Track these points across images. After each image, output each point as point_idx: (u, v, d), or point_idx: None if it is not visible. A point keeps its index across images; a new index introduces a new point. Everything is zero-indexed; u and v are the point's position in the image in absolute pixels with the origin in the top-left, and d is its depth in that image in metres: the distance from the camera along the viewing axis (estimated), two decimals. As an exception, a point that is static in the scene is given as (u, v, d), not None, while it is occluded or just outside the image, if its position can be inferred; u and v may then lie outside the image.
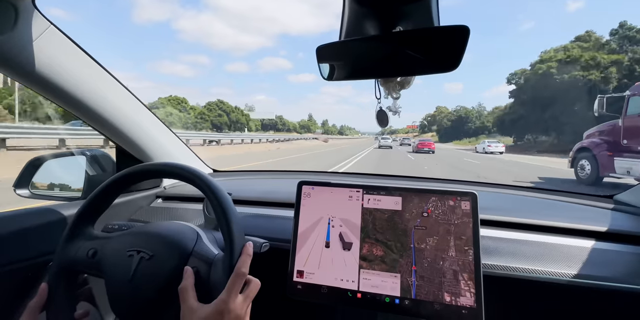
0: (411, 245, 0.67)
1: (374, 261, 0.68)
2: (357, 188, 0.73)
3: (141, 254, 0.54)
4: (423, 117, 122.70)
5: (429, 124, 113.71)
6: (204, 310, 0.48)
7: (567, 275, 0.67)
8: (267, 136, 28.00)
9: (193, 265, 0.54)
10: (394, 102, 0.71)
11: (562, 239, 0.77)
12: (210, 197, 0.55)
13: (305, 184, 0.77)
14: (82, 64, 0.80)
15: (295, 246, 0.73)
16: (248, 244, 0.54)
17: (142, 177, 0.63)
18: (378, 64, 0.62)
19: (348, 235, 0.71)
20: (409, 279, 0.66)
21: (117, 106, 0.91)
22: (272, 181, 1.38)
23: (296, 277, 0.71)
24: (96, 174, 1.04)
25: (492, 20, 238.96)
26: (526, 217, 0.83)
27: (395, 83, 0.67)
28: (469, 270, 0.63)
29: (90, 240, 0.60)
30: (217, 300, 0.48)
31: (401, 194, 0.71)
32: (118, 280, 0.54)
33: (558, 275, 0.67)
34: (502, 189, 1.15)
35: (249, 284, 0.52)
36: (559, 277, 0.67)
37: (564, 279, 0.67)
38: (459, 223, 0.66)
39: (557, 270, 0.68)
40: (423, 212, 0.68)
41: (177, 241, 0.57)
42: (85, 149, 1.08)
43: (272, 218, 0.94)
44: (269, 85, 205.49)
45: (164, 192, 1.16)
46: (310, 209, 0.75)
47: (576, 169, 6.95)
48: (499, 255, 0.73)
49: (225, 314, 0.47)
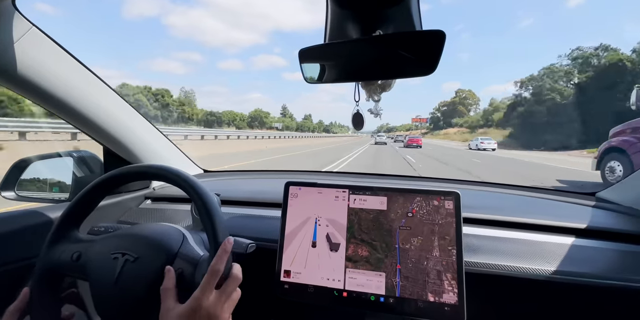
0: (396, 246, 0.68)
1: (359, 262, 0.69)
2: (343, 188, 0.74)
3: (126, 257, 0.54)
4: (435, 108, 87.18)
5: (444, 117, 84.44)
6: (177, 309, 0.48)
7: (547, 271, 0.68)
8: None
9: (178, 266, 0.54)
10: (375, 104, 0.71)
11: (544, 236, 0.79)
12: (194, 198, 0.55)
13: (292, 184, 0.77)
14: (66, 65, 0.79)
15: (283, 246, 0.73)
16: (226, 240, 0.53)
17: (127, 179, 0.62)
18: (359, 67, 0.63)
19: (335, 236, 0.72)
20: (393, 279, 0.66)
21: (103, 107, 0.90)
22: (261, 181, 1.38)
23: (283, 277, 0.72)
24: (84, 176, 1.03)
25: (490, 18, 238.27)
26: (509, 215, 0.85)
27: (376, 86, 0.68)
28: (452, 270, 0.64)
29: (74, 243, 0.59)
30: (191, 298, 0.48)
31: (386, 194, 0.71)
32: (103, 283, 0.54)
33: (538, 272, 0.69)
34: (487, 187, 1.16)
35: (227, 280, 0.52)
36: (539, 274, 0.68)
37: (543, 275, 0.68)
38: (443, 223, 0.67)
39: (537, 266, 0.69)
40: (408, 213, 0.69)
41: (163, 243, 0.56)
42: (73, 151, 1.07)
43: (260, 218, 0.94)
44: (264, 84, 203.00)
45: (153, 193, 1.15)
46: (298, 209, 0.75)
47: (603, 171, 5.85)
48: (481, 253, 0.74)
49: (197, 311, 0.47)
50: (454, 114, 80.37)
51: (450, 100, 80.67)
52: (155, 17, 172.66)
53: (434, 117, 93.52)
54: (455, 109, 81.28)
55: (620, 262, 0.71)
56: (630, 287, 0.65)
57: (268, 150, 16.84)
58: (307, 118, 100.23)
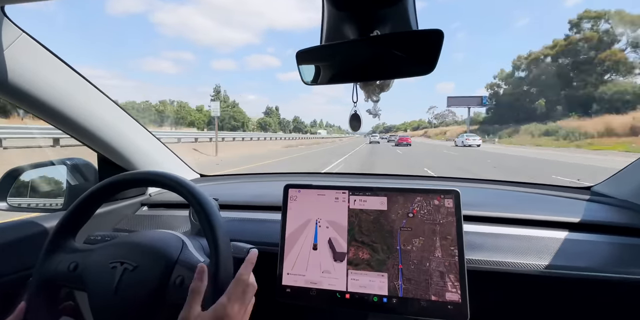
0: (397, 247, 0.67)
1: (360, 265, 0.69)
2: (343, 189, 0.73)
3: (124, 265, 0.53)
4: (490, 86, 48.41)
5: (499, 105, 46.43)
6: (203, 315, 0.46)
7: (545, 266, 0.69)
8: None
9: (179, 274, 0.53)
10: (374, 105, 0.71)
11: (541, 232, 0.79)
12: (193, 203, 0.54)
13: (291, 187, 0.76)
14: (58, 72, 0.78)
15: (283, 249, 0.73)
16: (252, 252, 0.56)
17: (123, 186, 0.62)
18: (357, 67, 0.62)
19: (339, 243, 0.71)
20: (395, 281, 0.66)
21: (96, 113, 0.89)
22: (260, 184, 1.37)
23: (285, 281, 0.71)
24: (78, 184, 1.01)
25: (486, 17, 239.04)
26: (507, 211, 0.85)
27: (374, 86, 0.68)
28: (455, 270, 0.64)
29: (71, 253, 0.58)
30: (216, 305, 0.47)
31: (386, 194, 0.71)
32: (101, 293, 0.53)
33: (535, 267, 0.69)
34: (486, 184, 1.17)
35: (246, 291, 0.51)
36: (536, 269, 0.69)
37: (541, 270, 0.69)
38: (444, 222, 0.67)
39: (534, 262, 0.70)
40: (409, 213, 0.69)
41: (162, 250, 0.56)
42: (66, 158, 1.04)
43: (260, 222, 0.93)
44: (258, 84, 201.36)
45: (149, 199, 1.13)
46: (297, 211, 0.74)
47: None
48: (482, 250, 0.74)
49: (224, 319, 0.46)
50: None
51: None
52: (142, 13, 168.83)
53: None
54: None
55: (617, 255, 0.72)
56: (628, 279, 0.66)
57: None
58: (296, 119, 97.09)
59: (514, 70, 45.12)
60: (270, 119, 77.16)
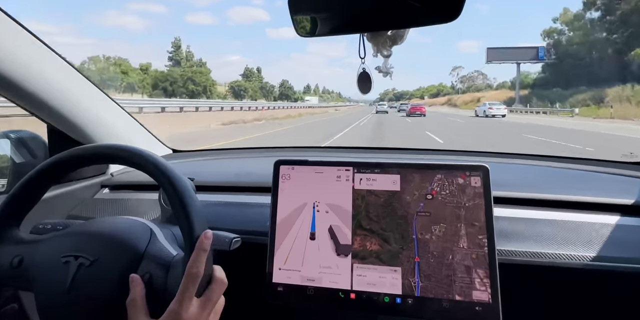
0: (413, 237, 0.63)
1: (368, 258, 0.64)
2: (346, 166, 0.68)
3: (80, 260, 0.50)
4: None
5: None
6: None
7: (592, 258, 0.64)
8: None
9: (146, 270, 0.50)
10: (384, 61, 0.66)
11: (587, 216, 0.74)
12: (163, 184, 0.51)
13: (283, 163, 0.71)
14: (5, 30, 0.72)
15: (274, 239, 0.68)
16: (203, 235, 0.49)
17: (79, 163, 0.58)
18: (366, 15, 0.57)
19: (340, 229, 0.66)
20: (411, 278, 0.61)
21: (46, 76, 0.82)
22: (245, 161, 1.35)
23: (276, 278, 0.67)
24: (24, 161, 0.97)
25: None
26: (545, 191, 0.80)
27: (385, 38, 0.62)
28: (484, 264, 0.59)
29: (14, 245, 0.55)
30: (167, 311, 0.44)
31: (399, 171, 0.66)
32: (51, 293, 0.50)
33: (581, 259, 0.65)
34: (518, 159, 1.13)
35: (210, 285, 0.48)
36: (582, 261, 0.65)
37: (586, 262, 0.64)
38: (470, 206, 0.62)
39: (581, 253, 0.65)
40: (427, 194, 0.64)
41: (126, 241, 0.53)
42: (9, 131, 0.98)
43: (246, 206, 0.89)
44: (243, 43, 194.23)
45: (110, 180, 1.08)
46: (291, 193, 0.69)
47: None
48: (517, 239, 0.70)
49: None
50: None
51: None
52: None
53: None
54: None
55: None
56: None
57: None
58: (284, 84, 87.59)
59: (584, 9, 34.85)
60: (248, 83, 71.01)
